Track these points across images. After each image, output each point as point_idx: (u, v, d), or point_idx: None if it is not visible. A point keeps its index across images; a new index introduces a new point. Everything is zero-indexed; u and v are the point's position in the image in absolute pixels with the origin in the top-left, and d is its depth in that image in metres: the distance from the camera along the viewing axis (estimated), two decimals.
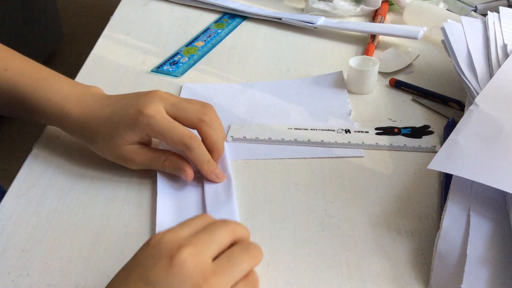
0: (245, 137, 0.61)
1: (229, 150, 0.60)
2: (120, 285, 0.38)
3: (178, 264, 0.37)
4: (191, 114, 0.53)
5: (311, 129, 0.62)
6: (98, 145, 0.55)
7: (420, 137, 0.60)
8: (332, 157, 0.58)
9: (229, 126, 0.63)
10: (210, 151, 0.54)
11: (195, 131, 0.54)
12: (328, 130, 0.61)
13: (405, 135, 0.60)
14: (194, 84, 0.72)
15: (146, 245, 0.39)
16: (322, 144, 0.60)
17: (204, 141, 0.54)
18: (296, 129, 0.62)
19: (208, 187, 0.54)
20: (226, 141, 0.61)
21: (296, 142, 0.60)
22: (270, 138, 0.61)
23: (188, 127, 0.53)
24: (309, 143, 0.60)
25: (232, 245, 0.41)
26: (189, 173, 0.54)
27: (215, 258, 0.39)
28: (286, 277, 0.45)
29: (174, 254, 0.37)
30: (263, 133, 0.61)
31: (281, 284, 0.45)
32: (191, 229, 0.40)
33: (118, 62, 0.78)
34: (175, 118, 0.53)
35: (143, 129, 0.52)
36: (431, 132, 0.61)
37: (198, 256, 0.38)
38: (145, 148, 0.55)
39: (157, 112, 0.52)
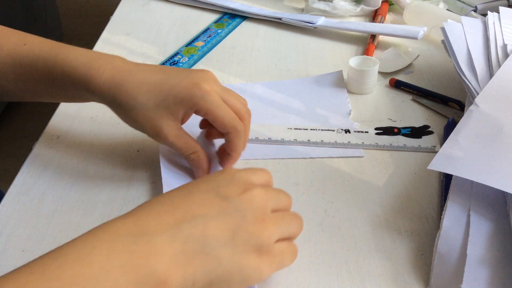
0: None
1: None
2: (190, 190, 0.40)
3: (249, 195, 0.40)
4: (239, 103, 0.53)
5: (311, 129, 0.62)
6: (132, 111, 0.51)
7: (420, 137, 0.60)
8: (332, 157, 0.58)
9: None
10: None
11: None
12: (328, 130, 0.61)
13: (405, 135, 0.60)
14: None
15: (220, 172, 0.43)
16: (322, 144, 0.60)
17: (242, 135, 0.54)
18: (296, 129, 0.62)
19: None
20: None
21: (296, 142, 0.60)
22: (270, 138, 0.61)
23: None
24: (309, 143, 0.60)
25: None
26: (205, 175, 0.54)
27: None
28: (286, 277, 0.45)
29: (248, 187, 0.41)
30: (263, 133, 0.61)
31: (281, 284, 0.45)
32: (260, 178, 0.44)
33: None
34: (223, 102, 0.52)
35: (196, 103, 0.50)
36: (430, 132, 0.61)
37: (265, 199, 0.41)
38: (182, 129, 0.53)
39: (213, 89, 0.51)
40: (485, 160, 0.47)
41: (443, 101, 0.66)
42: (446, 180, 0.52)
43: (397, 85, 0.69)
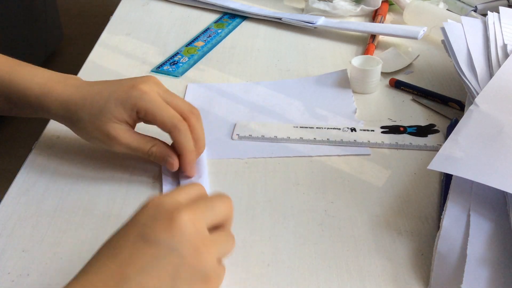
0: (250, 135, 0.61)
1: (235, 148, 0.60)
2: (118, 242, 0.38)
3: (178, 225, 0.37)
4: (182, 104, 0.54)
5: (316, 128, 0.62)
6: (82, 123, 0.53)
7: (425, 135, 0.60)
8: (339, 155, 0.58)
9: (234, 124, 0.63)
10: (196, 145, 0.54)
11: None
12: (333, 128, 0.61)
13: (410, 133, 0.60)
14: (199, 84, 0.72)
15: (145, 206, 0.39)
16: (328, 142, 0.60)
17: (192, 134, 0.54)
18: (302, 127, 0.62)
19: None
20: (232, 139, 0.61)
21: (302, 141, 0.60)
22: (276, 137, 0.61)
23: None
24: (315, 141, 0.60)
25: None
26: (175, 163, 0.53)
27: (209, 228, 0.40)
28: (286, 277, 0.45)
29: (175, 216, 0.38)
30: (269, 132, 0.61)
31: (281, 284, 0.45)
32: (189, 195, 0.41)
33: (118, 62, 0.78)
34: (166, 103, 0.53)
35: (134, 103, 0.52)
36: (436, 131, 0.61)
37: (197, 220, 0.38)
38: (132, 130, 0.54)
39: (151, 90, 0.52)
40: (485, 160, 0.47)
41: (443, 101, 0.66)
42: (446, 180, 0.52)
43: (397, 85, 0.69)
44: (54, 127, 0.64)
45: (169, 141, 0.55)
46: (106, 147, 0.54)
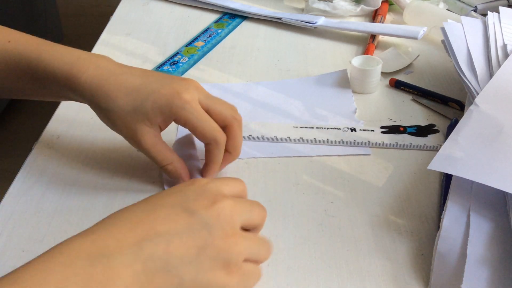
0: (250, 135, 0.61)
1: None
2: (156, 202, 0.39)
3: (218, 209, 0.38)
4: (225, 110, 0.51)
5: (316, 128, 0.62)
6: (110, 114, 0.50)
7: (425, 135, 0.60)
8: (339, 155, 0.58)
9: None
10: (231, 151, 0.53)
11: None
12: (333, 128, 0.61)
13: (410, 133, 0.60)
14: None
15: (191, 183, 0.41)
16: (328, 142, 0.60)
17: (229, 140, 0.52)
18: (302, 127, 0.62)
19: None
20: None
21: (302, 141, 0.60)
22: (276, 137, 0.61)
23: (219, 122, 0.51)
24: (315, 141, 0.60)
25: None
26: None
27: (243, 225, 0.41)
28: (286, 277, 0.45)
29: (218, 199, 0.39)
30: (269, 132, 0.61)
31: (281, 284, 0.45)
32: (232, 189, 0.42)
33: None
34: (207, 110, 0.50)
35: (174, 112, 0.49)
36: (436, 131, 0.61)
37: (235, 212, 0.39)
38: (159, 138, 0.51)
39: (194, 99, 0.49)
40: (485, 160, 0.47)
41: (443, 101, 0.66)
42: (446, 180, 0.52)
43: (397, 85, 0.69)
44: (54, 127, 0.64)
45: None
46: (125, 139, 0.52)
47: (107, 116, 0.51)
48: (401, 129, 0.61)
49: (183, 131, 0.56)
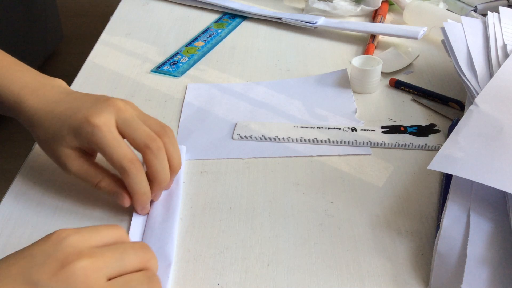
0: (251, 135, 0.61)
1: (235, 148, 0.60)
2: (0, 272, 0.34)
3: (66, 274, 0.34)
4: (139, 136, 0.48)
5: (317, 128, 0.62)
6: (39, 142, 0.52)
7: (426, 135, 0.60)
8: (339, 155, 0.58)
9: (235, 124, 0.63)
10: (150, 181, 0.49)
11: None
12: (334, 128, 0.61)
13: (411, 133, 0.60)
14: (199, 84, 0.72)
15: (47, 238, 0.36)
16: (328, 142, 0.60)
17: (147, 169, 0.49)
18: (302, 127, 0.62)
19: (154, 208, 0.52)
20: (233, 138, 0.61)
21: (302, 141, 0.60)
22: (277, 136, 0.61)
23: (136, 148, 0.49)
24: (315, 141, 0.60)
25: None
26: (125, 200, 0.50)
27: (111, 278, 0.37)
28: (286, 277, 0.45)
29: (69, 261, 0.35)
30: (270, 132, 0.61)
31: (281, 284, 0.45)
32: (102, 238, 0.38)
33: (118, 62, 0.78)
34: (123, 135, 0.49)
35: (85, 136, 0.48)
36: (437, 131, 0.61)
37: (92, 271, 0.35)
38: (84, 159, 0.50)
39: (105, 124, 0.48)
40: (485, 160, 0.47)
41: (443, 101, 0.66)
42: (446, 180, 0.52)
43: (397, 85, 0.69)
44: None
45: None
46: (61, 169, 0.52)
47: (38, 143, 0.52)
48: (402, 129, 0.61)
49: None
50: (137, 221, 0.51)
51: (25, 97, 0.52)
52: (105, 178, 0.50)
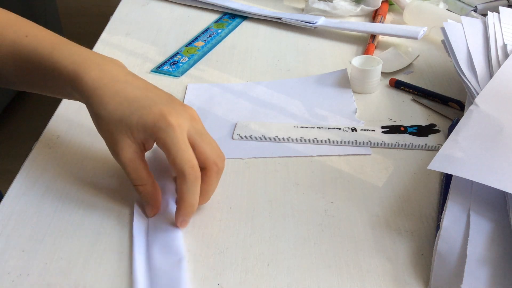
0: (251, 135, 0.61)
1: (235, 148, 0.60)
2: None
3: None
4: (211, 151, 0.48)
5: (317, 128, 0.62)
6: (99, 119, 0.49)
7: (426, 135, 0.60)
8: (339, 155, 0.58)
9: (235, 124, 0.63)
10: (200, 194, 0.48)
11: None
12: (334, 128, 0.61)
13: (411, 133, 0.60)
14: (199, 84, 0.72)
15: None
16: (328, 142, 0.60)
17: (202, 183, 0.48)
18: (302, 127, 0.62)
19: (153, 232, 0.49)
20: (233, 139, 0.61)
21: (302, 141, 0.60)
22: (277, 136, 0.61)
23: (199, 161, 0.48)
24: (315, 141, 0.60)
25: None
26: (151, 212, 0.50)
27: None
28: (286, 277, 0.45)
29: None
30: (269, 132, 0.61)
31: (281, 284, 0.45)
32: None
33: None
34: (192, 145, 0.48)
35: (156, 132, 0.47)
36: (437, 131, 0.61)
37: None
38: (139, 155, 0.49)
39: (179, 125, 0.47)
40: (485, 160, 0.47)
41: (443, 101, 0.66)
42: (446, 180, 0.52)
43: (397, 85, 0.69)
44: (54, 127, 0.64)
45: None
46: (108, 149, 0.51)
47: (96, 120, 0.50)
48: (402, 129, 0.61)
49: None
50: (139, 222, 0.51)
51: (88, 69, 0.50)
52: (148, 185, 0.49)
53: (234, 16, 0.90)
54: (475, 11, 0.83)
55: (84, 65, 0.51)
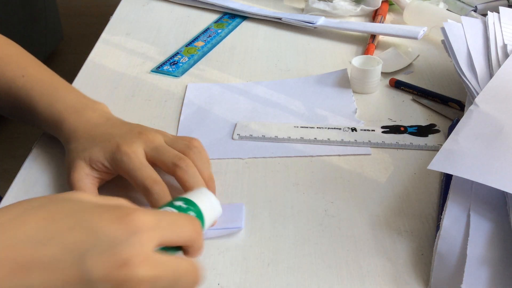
0: (251, 135, 0.61)
1: (235, 148, 0.60)
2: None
3: (120, 276, 0.31)
4: (167, 158, 0.51)
5: (317, 128, 0.62)
6: (69, 151, 0.54)
7: (426, 135, 0.60)
8: (339, 155, 0.58)
9: (235, 124, 0.63)
10: None
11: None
12: (334, 128, 0.61)
13: (411, 133, 0.60)
14: (199, 84, 0.72)
15: (120, 217, 0.33)
16: (328, 142, 0.60)
17: (182, 187, 0.50)
18: (303, 127, 0.62)
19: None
20: (233, 138, 0.61)
21: (302, 141, 0.60)
22: (277, 136, 0.61)
23: (167, 172, 0.51)
24: (315, 141, 0.60)
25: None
26: None
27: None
28: (286, 277, 0.45)
29: (130, 266, 0.32)
30: (270, 132, 0.61)
31: (281, 284, 0.45)
32: (176, 236, 0.36)
33: (118, 62, 0.78)
34: (153, 163, 0.51)
35: (115, 162, 0.51)
36: (437, 131, 0.61)
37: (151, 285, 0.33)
38: (90, 178, 0.52)
39: (134, 152, 0.51)
40: (485, 160, 0.47)
41: (443, 101, 0.66)
42: (446, 180, 0.52)
43: (397, 85, 0.69)
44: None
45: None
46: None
47: (66, 155, 0.55)
48: (402, 129, 0.61)
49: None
50: None
51: (68, 116, 0.56)
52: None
53: (234, 16, 0.90)
54: (475, 11, 0.83)
55: (65, 114, 0.56)
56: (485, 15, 0.70)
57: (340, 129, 0.61)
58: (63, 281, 0.31)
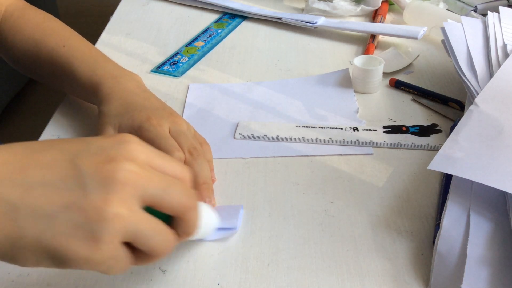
0: (253, 134, 0.61)
1: (237, 147, 0.60)
2: (54, 145, 0.35)
3: (108, 169, 0.33)
4: (185, 144, 0.53)
5: (319, 127, 0.62)
6: (102, 113, 0.58)
7: (428, 135, 0.60)
8: (341, 155, 0.58)
9: (237, 124, 0.63)
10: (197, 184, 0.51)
11: None
12: (336, 128, 0.61)
13: (413, 133, 0.60)
14: (200, 84, 0.72)
15: (112, 135, 0.36)
16: (330, 142, 0.60)
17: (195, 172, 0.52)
18: (304, 127, 0.62)
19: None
20: (234, 138, 0.61)
21: (304, 140, 0.60)
22: (279, 136, 0.61)
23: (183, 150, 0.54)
24: (317, 141, 0.60)
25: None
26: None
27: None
28: (286, 277, 0.45)
29: (117, 160, 0.33)
30: (271, 131, 0.61)
31: (281, 284, 0.45)
32: (164, 165, 0.36)
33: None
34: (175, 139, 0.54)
35: (141, 131, 0.54)
36: (439, 131, 0.61)
37: (133, 181, 0.33)
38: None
39: (160, 125, 0.54)
40: (485, 160, 0.47)
41: (443, 101, 0.66)
42: (446, 180, 0.52)
43: (397, 85, 0.69)
44: (54, 127, 0.64)
45: None
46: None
47: (99, 116, 0.58)
48: (404, 129, 0.61)
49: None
50: None
51: (105, 81, 0.60)
52: None
53: (234, 16, 0.90)
54: (475, 11, 0.83)
55: (103, 78, 0.61)
56: (485, 15, 0.70)
57: (342, 129, 0.61)
58: (59, 178, 0.33)
